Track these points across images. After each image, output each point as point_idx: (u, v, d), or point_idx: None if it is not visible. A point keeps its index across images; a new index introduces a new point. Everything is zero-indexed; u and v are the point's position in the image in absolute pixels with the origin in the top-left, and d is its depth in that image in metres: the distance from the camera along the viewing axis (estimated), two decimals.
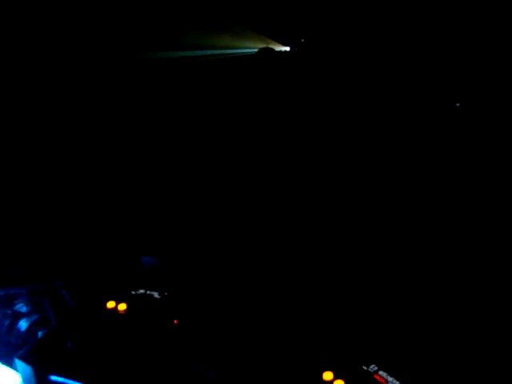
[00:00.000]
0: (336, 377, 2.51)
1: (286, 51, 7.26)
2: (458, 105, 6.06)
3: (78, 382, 2.80)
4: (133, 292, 3.28)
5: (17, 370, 3.16)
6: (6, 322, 3.74)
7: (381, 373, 2.51)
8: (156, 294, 3.24)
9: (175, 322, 3.02)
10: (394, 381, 2.45)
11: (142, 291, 3.28)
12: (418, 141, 5.52)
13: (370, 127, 5.84)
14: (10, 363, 3.36)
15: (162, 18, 6.97)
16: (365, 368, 2.55)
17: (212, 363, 2.84)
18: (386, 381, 2.46)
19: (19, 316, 3.79)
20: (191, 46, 7.27)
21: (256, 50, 7.26)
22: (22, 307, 3.87)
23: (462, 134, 5.54)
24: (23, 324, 3.75)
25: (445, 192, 4.73)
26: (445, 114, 5.99)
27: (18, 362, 2.97)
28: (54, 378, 2.84)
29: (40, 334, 3.72)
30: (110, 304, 3.19)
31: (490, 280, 3.47)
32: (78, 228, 4.38)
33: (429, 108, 6.08)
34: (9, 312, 3.81)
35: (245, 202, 4.73)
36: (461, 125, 5.74)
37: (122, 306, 3.14)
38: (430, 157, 5.29)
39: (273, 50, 7.24)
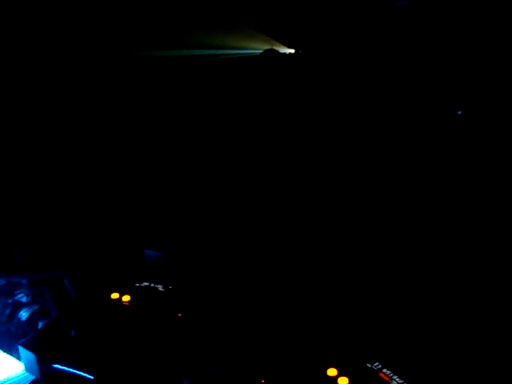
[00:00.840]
0: (340, 373, 2.53)
1: (290, 53, 7.28)
2: (459, 113, 6.09)
3: (81, 371, 2.80)
4: (137, 284, 3.29)
5: (18, 359, 3.16)
6: (7, 311, 3.74)
7: (385, 371, 2.53)
8: (160, 287, 3.25)
9: (179, 315, 3.03)
10: (398, 379, 2.48)
11: (146, 284, 3.29)
12: (419, 148, 5.55)
13: (372, 132, 5.87)
14: (10, 352, 3.36)
15: (165, 16, 6.98)
16: (369, 366, 2.57)
17: (213, 358, 2.85)
18: (391, 379, 2.48)
19: (20, 305, 3.80)
20: (194, 45, 7.28)
21: (260, 51, 7.28)
22: (22, 297, 3.88)
23: (463, 143, 5.57)
24: (24, 314, 3.76)
25: (445, 200, 4.76)
26: (446, 122, 6.03)
27: (22, 350, 2.96)
28: (57, 366, 2.85)
29: (40, 324, 3.72)
30: (114, 295, 3.19)
31: (491, 279, 3.50)
32: (82, 219, 4.37)
33: (430, 116, 6.11)
34: (9, 301, 3.82)
35: (247, 200, 4.75)
36: (462, 133, 5.78)
37: (126, 298, 3.16)
38: (431, 165, 5.32)
39: (277, 51, 7.26)
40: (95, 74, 6.10)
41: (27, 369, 2.96)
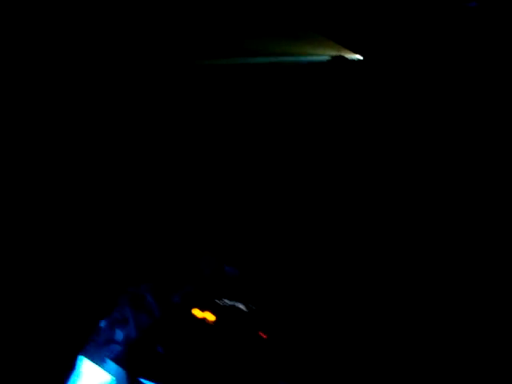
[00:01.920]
0: None
1: (358, 59, 7.21)
2: None
3: None
4: (218, 302, 3.34)
5: (105, 370, 3.26)
6: None
7: None
8: (242, 306, 3.28)
9: (263, 336, 3.06)
10: None
11: (227, 301, 3.33)
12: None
13: (446, 142, 5.74)
14: (95, 361, 3.48)
15: (231, 24, 7.00)
16: None
17: (295, 380, 2.87)
18: None
19: None
20: (260, 53, 7.29)
21: (328, 58, 7.24)
22: None
23: None
24: (103, 322, 3.86)
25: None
26: None
27: (111, 364, 3.07)
28: (146, 382, 2.93)
29: (119, 332, 3.83)
30: (197, 312, 3.25)
31: None
32: (163, 234, 4.45)
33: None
34: None
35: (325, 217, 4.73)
36: None
37: (210, 316, 3.21)
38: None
39: (345, 57, 7.20)
40: (158, 83, 6.17)
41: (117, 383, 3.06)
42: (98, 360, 3.37)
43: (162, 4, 6.33)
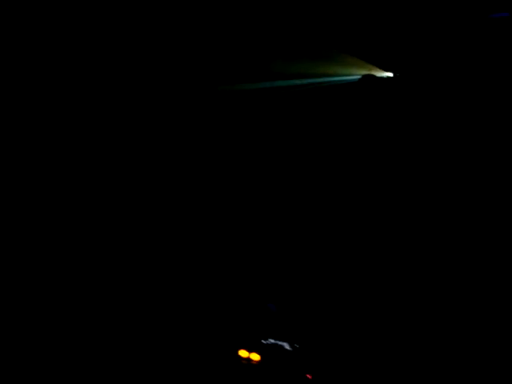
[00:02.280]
0: None
1: (388, 77, 7.19)
2: None
3: None
4: (263, 341, 3.40)
5: None
6: None
7: None
8: (286, 345, 3.34)
9: (309, 376, 3.11)
10: None
11: (272, 341, 3.39)
12: None
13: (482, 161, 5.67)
14: None
15: (257, 46, 7.03)
16: None
17: None
18: None
19: None
20: (291, 75, 7.33)
21: (358, 77, 7.24)
22: None
23: None
24: None
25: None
26: None
27: None
28: None
29: None
30: (243, 353, 3.32)
31: None
32: (207, 275, 4.49)
33: None
34: None
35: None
36: None
37: (255, 356, 3.27)
38: None
39: (375, 76, 7.20)
40: (181, 110, 6.19)
41: None
42: None
43: (190, 32, 6.43)
